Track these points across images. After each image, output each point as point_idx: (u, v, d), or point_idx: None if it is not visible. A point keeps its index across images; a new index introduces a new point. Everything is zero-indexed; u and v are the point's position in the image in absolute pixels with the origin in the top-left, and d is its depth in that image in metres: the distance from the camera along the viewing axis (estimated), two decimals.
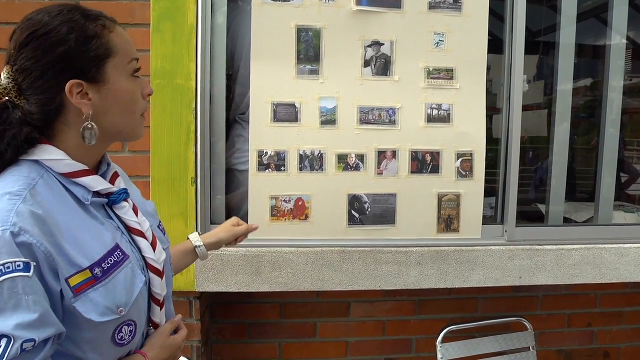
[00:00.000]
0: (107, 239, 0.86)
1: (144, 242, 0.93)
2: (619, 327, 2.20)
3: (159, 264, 0.95)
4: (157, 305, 0.96)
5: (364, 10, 1.70)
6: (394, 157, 1.75)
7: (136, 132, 0.93)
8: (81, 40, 0.82)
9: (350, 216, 1.76)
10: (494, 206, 2.00)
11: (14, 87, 0.82)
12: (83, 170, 0.86)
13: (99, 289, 0.81)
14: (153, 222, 1.03)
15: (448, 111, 1.77)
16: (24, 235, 0.74)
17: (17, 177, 0.80)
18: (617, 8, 2.06)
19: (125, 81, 0.88)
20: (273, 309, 2.01)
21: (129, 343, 0.88)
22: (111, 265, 0.84)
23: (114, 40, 0.86)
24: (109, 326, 0.83)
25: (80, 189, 0.85)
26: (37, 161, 0.83)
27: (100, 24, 0.85)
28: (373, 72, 1.73)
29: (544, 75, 2.81)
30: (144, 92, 0.92)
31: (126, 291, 0.85)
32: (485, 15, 1.76)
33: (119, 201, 0.91)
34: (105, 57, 0.84)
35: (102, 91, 0.85)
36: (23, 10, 1.67)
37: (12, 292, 0.72)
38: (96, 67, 0.84)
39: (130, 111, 0.89)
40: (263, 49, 1.67)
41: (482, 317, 2.03)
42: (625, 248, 1.91)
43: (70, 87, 0.82)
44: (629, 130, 2.83)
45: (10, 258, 0.72)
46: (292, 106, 1.69)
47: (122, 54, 0.87)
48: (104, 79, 0.85)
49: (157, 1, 1.62)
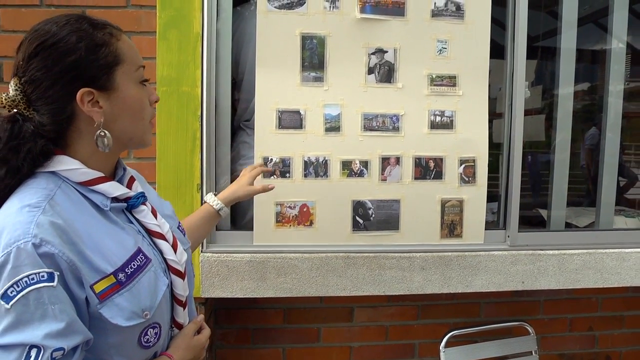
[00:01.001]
0: (128, 243, 0.87)
1: (165, 245, 0.95)
2: (619, 331, 2.22)
3: (180, 265, 0.96)
4: (180, 306, 0.97)
5: (368, 18, 1.71)
6: (397, 163, 1.77)
7: (145, 138, 0.94)
8: (90, 49, 0.83)
9: (355, 222, 1.77)
10: (495, 211, 2.01)
11: (23, 99, 0.82)
12: (99, 177, 0.87)
13: (123, 293, 0.82)
14: (172, 223, 1.04)
15: (451, 117, 1.79)
16: (46, 246, 0.75)
17: (35, 189, 0.81)
18: (616, 12, 2.08)
19: (134, 88, 0.89)
20: (277, 314, 2.02)
21: (154, 345, 0.89)
22: (134, 270, 0.85)
23: (122, 47, 0.88)
24: (135, 330, 0.84)
25: (98, 196, 0.87)
26: (53, 172, 0.84)
27: (108, 32, 0.87)
28: (377, 79, 1.74)
29: (542, 80, 2.83)
30: (150, 99, 0.94)
31: (150, 294, 0.87)
32: (487, 22, 1.78)
33: (137, 205, 0.92)
34: (114, 65, 0.86)
35: (112, 98, 0.86)
36: (29, 19, 1.70)
37: (38, 302, 0.73)
38: (106, 75, 0.85)
39: (139, 117, 0.91)
40: (268, 56, 1.68)
41: (484, 322, 2.04)
42: (626, 252, 1.92)
43: (81, 96, 0.83)
44: (626, 135, 2.85)
45: (34, 269, 0.74)
46: (296, 113, 1.71)
47: (129, 61, 0.88)
48: (114, 86, 0.86)
49: (163, 9, 1.64)
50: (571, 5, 2.02)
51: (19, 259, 0.73)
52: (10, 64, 1.69)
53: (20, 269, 0.73)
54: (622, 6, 2.07)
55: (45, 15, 1.68)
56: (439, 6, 1.75)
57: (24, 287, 0.73)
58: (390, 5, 1.72)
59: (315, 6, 1.69)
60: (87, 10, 1.70)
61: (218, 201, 1.38)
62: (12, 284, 0.73)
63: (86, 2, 1.69)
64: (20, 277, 0.73)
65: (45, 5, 1.69)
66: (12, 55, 1.72)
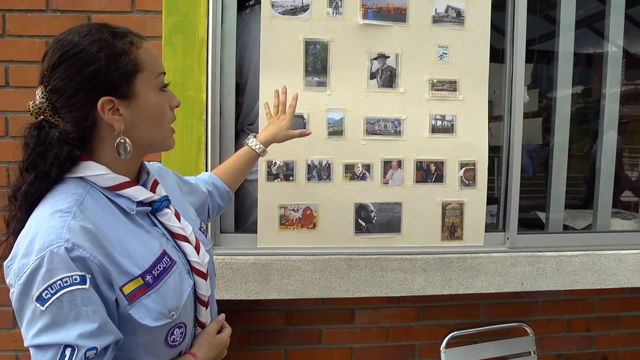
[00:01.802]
0: (154, 246, 0.90)
1: (188, 247, 0.97)
2: (616, 332, 2.24)
3: (203, 267, 0.98)
4: (203, 306, 1.00)
5: (370, 23, 1.74)
6: (399, 166, 1.79)
7: (166, 142, 0.97)
8: (110, 58, 0.85)
9: (357, 224, 1.79)
10: (494, 214, 2.04)
11: (48, 106, 0.85)
12: (125, 182, 0.89)
13: (151, 295, 0.85)
14: (194, 225, 1.06)
15: (451, 122, 1.81)
16: (78, 250, 0.77)
17: (65, 194, 0.83)
18: (612, 17, 2.11)
19: (154, 95, 0.91)
20: (279, 316, 2.03)
21: (180, 344, 0.92)
22: (161, 272, 0.88)
23: (141, 55, 0.89)
24: (162, 329, 0.87)
25: (124, 200, 0.89)
26: (81, 177, 0.86)
27: (128, 41, 0.88)
28: (379, 83, 1.77)
29: (539, 84, 2.86)
30: (171, 104, 0.96)
31: (176, 295, 0.90)
32: (487, 28, 1.81)
33: (161, 208, 0.95)
34: (133, 73, 0.88)
35: (132, 106, 0.88)
36: (35, 23, 1.72)
37: (72, 304, 0.76)
38: (125, 83, 0.87)
39: (159, 123, 0.93)
40: (272, 61, 1.71)
41: (484, 323, 2.07)
42: (623, 254, 1.96)
43: (102, 104, 0.85)
44: (624, 137, 2.88)
45: (67, 272, 0.76)
46: (300, 117, 1.73)
47: (149, 68, 0.90)
48: (134, 94, 0.88)
49: (168, 15, 1.66)
50: (568, 9, 2.05)
51: (53, 263, 0.76)
52: (16, 68, 1.72)
53: (54, 272, 0.76)
54: (618, 11, 2.11)
55: (50, 20, 1.71)
56: (439, 12, 1.78)
57: (58, 289, 0.75)
58: (392, 11, 1.75)
59: (318, 12, 1.71)
60: (92, 15, 1.72)
61: (259, 144, 1.44)
62: (47, 287, 0.75)
63: (92, 7, 1.70)
64: (54, 280, 0.76)
65: (51, 10, 1.70)
66: (17, 59, 1.76)
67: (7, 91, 1.71)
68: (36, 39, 1.71)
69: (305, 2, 1.70)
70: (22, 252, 0.78)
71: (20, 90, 1.71)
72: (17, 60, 1.71)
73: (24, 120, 1.74)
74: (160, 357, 0.90)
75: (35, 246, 0.77)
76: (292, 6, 1.70)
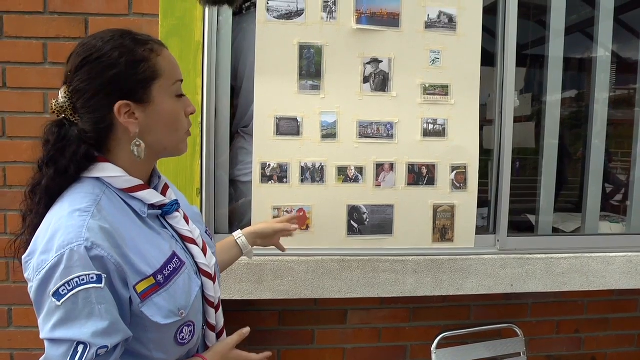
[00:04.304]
0: (164, 247, 0.93)
1: (196, 249, 1.00)
2: (605, 333, 2.27)
3: (210, 268, 1.02)
4: (212, 308, 1.03)
5: (364, 28, 1.77)
6: (391, 169, 1.82)
7: (180, 148, 0.99)
8: (130, 64, 0.89)
9: (350, 226, 1.82)
10: (485, 216, 2.07)
11: (70, 106, 0.89)
12: (140, 185, 0.93)
13: (162, 294, 0.88)
14: (201, 228, 1.09)
15: (443, 126, 1.84)
16: (96, 249, 0.80)
17: (83, 193, 0.87)
18: (602, 22, 2.15)
19: (169, 101, 0.94)
20: (272, 316, 2.05)
21: (189, 342, 0.95)
22: (171, 272, 0.91)
23: (160, 63, 0.92)
24: (172, 327, 0.90)
25: (137, 203, 0.92)
26: (98, 178, 0.89)
27: (149, 48, 0.92)
28: (372, 87, 1.79)
29: (531, 88, 2.89)
30: (186, 111, 0.98)
31: (185, 295, 0.92)
32: (478, 34, 1.84)
33: (171, 212, 0.98)
34: (151, 80, 0.91)
35: (148, 111, 0.91)
36: (32, 25, 1.74)
37: (87, 301, 0.79)
38: (143, 89, 0.90)
39: (173, 129, 0.95)
40: (266, 64, 1.73)
41: (474, 324, 2.09)
42: (610, 257, 1.99)
43: (119, 108, 0.88)
44: (613, 142, 2.92)
45: (85, 271, 0.79)
46: (294, 120, 1.76)
47: (166, 76, 0.93)
48: (150, 99, 0.91)
49: (165, 18, 1.68)
50: (558, 14, 2.08)
51: (72, 260, 0.79)
52: (13, 69, 1.74)
53: (72, 269, 0.79)
54: (607, 17, 2.15)
55: (48, 21, 1.73)
56: (432, 18, 1.80)
57: (74, 286, 0.78)
58: (385, 16, 1.78)
59: (312, 17, 1.74)
60: (89, 18, 1.74)
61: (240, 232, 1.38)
62: (64, 283, 0.78)
63: (89, 10, 1.73)
64: (72, 277, 0.79)
65: (49, 12, 1.73)
66: (15, 60, 1.77)
67: (4, 92, 1.73)
68: (34, 40, 1.72)
69: (300, 6, 1.73)
70: (42, 249, 0.81)
71: (17, 91, 1.73)
72: (14, 62, 1.73)
73: (21, 121, 1.78)
74: (169, 354, 0.93)
75: (55, 243, 0.80)
76: (287, 11, 1.73)
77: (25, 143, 1.75)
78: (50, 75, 1.73)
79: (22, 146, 1.74)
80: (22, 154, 1.75)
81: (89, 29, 1.74)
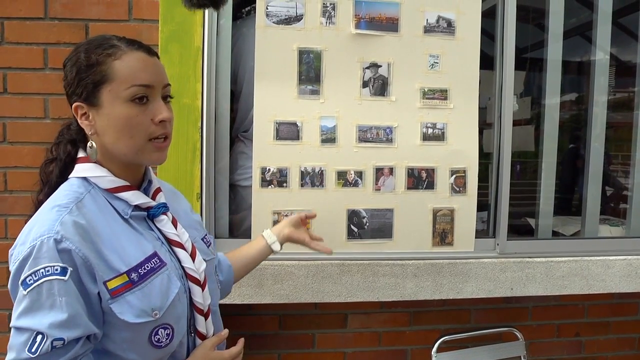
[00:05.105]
0: (146, 247, 0.94)
1: (183, 253, 1.00)
2: (605, 337, 2.27)
3: (198, 274, 1.01)
4: (201, 315, 1.02)
5: (363, 33, 1.78)
6: (391, 173, 1.83)
7: (140, 157, 0.95)
8: (84, 67, 0.91)
9: (349, 230, 1.82)
10: (485, 220, 2.08)
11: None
12: (124, 185, 0.95)
13: (135, 292, 0.89)
14: (197, 235, 1.10)
15: (442, 130, 1.85)
16: (65, 242, 0.83)
17: (68, 191, 0.90)
18: (600, 26, 2.16)
19: (121, 106, 0.91)
20: (272, 320, 2.05)
21: (167, 346, 0.94)
22: (147, 271, 0.91)
23: (116, 67, 0.91)
24: (145, 327, 0.90)
25: (121, 203, 0.94)
26: (85, 178, 0.93)
27: (106, 52, 0.91)
28: (371, 92, 1.80)
29: (530, 91, 2.90)
30: (154, 119, 0.93)
31: (161, 295, 0.92)
32: (477, 38, 1.85)
33: (157, 214, 0.99)
34: (100, 83, 0.91)
35: (99, 114, 0.92)
36: (33, 31, 1.74)
37: (49, 292, 0.81)
38: (92, 92, 0.91)
39: (126, 135, 0.92)
40: (266, 70, 1.74)
41: (474, 328, 2.08)
42: (610, 260, 1.99)
43: (75, 108, 0.93)
44: (613, 145, 2.92)
45: (50, 262, 0.82)
46: (293, 125, 1.76)
47: (120, 80, 0.91)
48: (99, 102, 0.92)
49: (165, 24, 1.69)
50: (557, 18, 2.09)
51: (40, 252, 0.82)
52: (14, 75, 1.75)
53: (40, 260, 0.82)
54: (605, 20, 2.16)
55: (47, 27, 1.74)
56: (431, 22, 1.81)
57: (40, 277, 0.81)
58: (384, 21, 1.78)
59: (312, 22, 1.75)
60: (90, 24, 1.75)
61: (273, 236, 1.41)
62: (31, 273, 0.81)
63: (90, 16, 1.74)
64: (38, 267, 0.81)
65: (49, 18, 1.73)
66: (16, 66, 1.78)
67: (5, 98, 1.74)
68: (34, 46, 1.73)
69: (299, 12, 1.74)
70: (21, 241, 0.85)
71: (18, 96, 1.74)
72: (15, 67, 1.73)
73: (22, 126, 1.79)
74: (145, 357, 0.92)
75: (30, 236, 0.84)
76: (286, 16, 1.73)
77: (26, 148, 1.75)
78: (50, 80, 1.74)
79: (23, 151, 1.75)
80: (23, 159, 1.75)
81: (89, 35, 1.75)
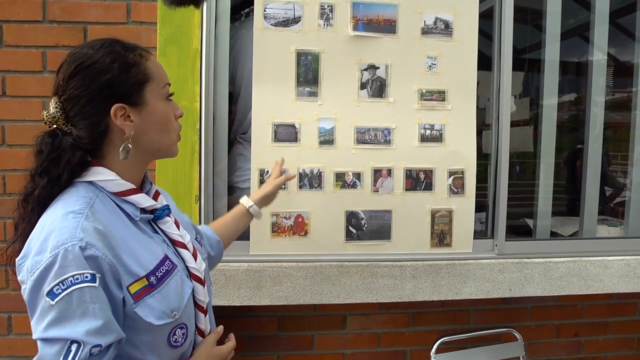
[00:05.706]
0: (157, 250, 0.94)
1: (187, 253, 1.02)
2: (604, 337, 2.27)
3: (200, 273, 1.03)
4: (201, 312, 1.03)
5: (360, 35, 1.78)
6: (389, 175, 1.83)
7: (171, 149, 1.02)
8: (122, 69, 0.91)
9: (348, 232, 1.83)
10: (483, 221, 2.08)
11: (62, 115, 0.91)
12: (132, 189, 0.95)
13: (154, 295, 0.89)
14: (191, 235, 1.10)
15: (440, 131, 1.85)
16: (91, 249, 0.82)
17: (77, 197, 0.88)
18: (598, 26, 2.16)
19: (161, 103, 0.97)
20: (271, 322, 2.05)
21: (182, 345, 0.96)
22: (163, 274, 0.92)
23: (150, 67, 0.96)
24: (165, 329, 0.91)
25: (130, 206, 0.94)
26: (91, 182, 0.91)
27: (138, 54, 0.95)
28: (369, 94, 1.81)
29: (528, 92, 2.90)
30: (175, 114, 1.01)
31: (177, 296, 0.94)
32: (475, 40, 1.85)
33: (162, 216, 1.00)
34: (143, 82, 0.94)
35: (142, 113, 0.94)
36: (32, 34, 1.75)
37: (80, 300, 0.80)
38: (136, 92, 0.93)
39: (166, 130, 0.99)
40: (264, 72, 1.74)
41: (473, 329, 2.09)
42: (608, 260, 1.99)
43: (115, 110, 0.91)
44: (611, 145, 2.92)
45: (79, 270, 0.80)
46: (291, 127, 1.77)
47: (157, 79, 0.96)
48: (143, 102, 0.94)
49: (163, 26, 1.69)
50: (554, 19, 2.10)
51: (66, 260, 0.80)
52: (13, 77, 1.75)
53: (67, 269, 0.80)
54: (603, 20, 2.16)
55: (46, 30, 1.74)
56: (428, 24, 1.82)
57: (69, 285, 0.79)
58: (382, 23, 1.79)
59: (309, 24, 1.75)
60: (88, 26, 1.75)
61: (250, 201, 1.44)
62: (58, 282, 0.79)
63: (88, 18, 1.74)
64: (66, 276, 0.79)
65: (48, 21, 1.74)
66: (14, 69, 1.78)
67: (3, 100, 1.74)
68: (33, 49, 1.74)
69: (297, 14, 1.74)
70: (36, 250, 0.82)
71: (17, 99, 1.74)
72: (14, 70, 1.74)
73: (21, 129, 1.79)
74: (162, 357, 0.94)
75: (49, 244, 0.81)
76: (284, 18, 1.74)
77: (24, 151, 1.76)
78: (49, 83, 1.71)
79: (22, 154, 1.75)
80: (22, 161, 1.75)
81: (87, 38, 1.75)
